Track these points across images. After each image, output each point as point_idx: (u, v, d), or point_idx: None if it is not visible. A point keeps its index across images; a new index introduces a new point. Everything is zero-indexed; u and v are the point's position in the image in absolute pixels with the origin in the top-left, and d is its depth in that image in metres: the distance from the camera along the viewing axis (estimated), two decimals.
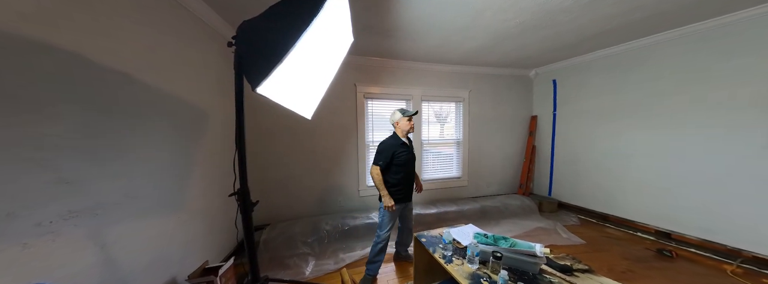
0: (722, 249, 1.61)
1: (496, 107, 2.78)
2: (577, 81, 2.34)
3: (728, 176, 1.57)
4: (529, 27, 1.65)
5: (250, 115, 2.02)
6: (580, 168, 2.36)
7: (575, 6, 1.37)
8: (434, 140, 2.74)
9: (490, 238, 1.22)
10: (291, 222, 2.05)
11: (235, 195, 0.54)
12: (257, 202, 0.58)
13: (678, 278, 1.41)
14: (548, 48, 2.06)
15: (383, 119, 2.55)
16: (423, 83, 2.56)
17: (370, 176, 2.35)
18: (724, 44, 1.54)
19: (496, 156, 2.82)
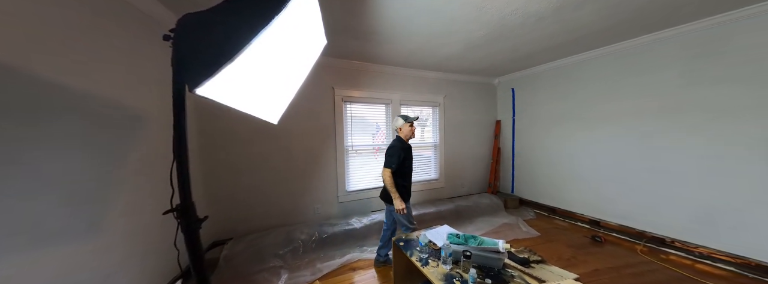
0: (633, 232, 1.94)
1: (467, 111, 2.97)
2: (531, 90, 2.65)
3: (635, 171, 1.93)
4: (492, 38, 1.80)
5: (211, 118, 1.80)
6: (535, 167, 2.65)
7: (527, 22, 1.54)
8: (413, 144, 2.80)
9: (461, 238, 1.26)
10: (261, 234, 1.86)
11: (174, 212, 0.46)
12: (206, 218, 0.50)
13: (606, 260, 1.66)
14: (508, 59, 2.29)
15: (364, 123, 2.53)
16: (402, 87, 2.62)
17: (349, 181, 2.20)
18: (633, 63, 1.91)
19: (468, 158, 2.99)
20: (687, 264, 1.61)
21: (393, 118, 2.53)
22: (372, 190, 2.54)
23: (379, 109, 2.58)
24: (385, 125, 2.62)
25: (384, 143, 2.62)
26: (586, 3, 1.35)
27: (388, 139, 2.61)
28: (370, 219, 2.20)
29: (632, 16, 1.51)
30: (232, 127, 1.89)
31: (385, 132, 2.62)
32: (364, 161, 2.54)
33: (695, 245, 1.66)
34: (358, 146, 2.46)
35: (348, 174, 2.40)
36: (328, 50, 2.00)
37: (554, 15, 1.46)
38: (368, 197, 2.51)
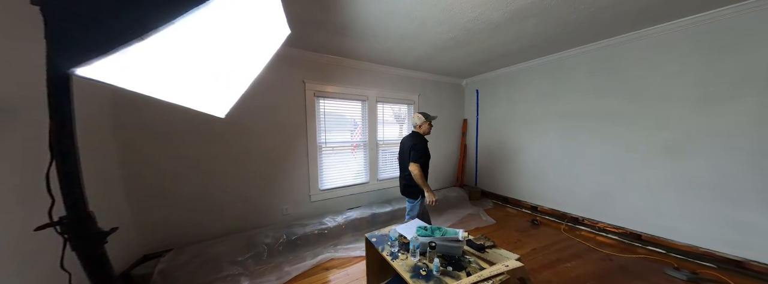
0: (559, 214, 2.33)
1: (439, 110, 3.10)
2: (491, 92, 2.90)
3: (560, 163, 2.31)
4: (459, 42, 1.88)
5: (133, 111, 1.48)
6: (493, 162, 2.94)
7: (486, 29, 1.64)
8: (390, 141, 2.80)
9: (428, 230, 1.30)
10: (215, 241, 1.65)
11: (56, 226, 0.35)
12: (113, 230, 0.40)
13: (540, 240, 1.93)
14: (474, 62, 2.45)
15: (340, 119, 2.43)
16: (378, 84, 2.58)
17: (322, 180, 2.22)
18: (559, 73, 2.26)
19: (440, 154, 3.14)
20: (591, 237, 1.96)
21: (369, 114, 2.50)
22: (348, 187, 2.47)
23: (355, 105, 2.51)
24: (362, 122, 2.56)
25: (361, 140, 2.57)
26: (530, 16, 1.48)
27: (365, 136, 2.57)
28: (345, 217, 2.15)
29: (561, 32, 1.73)
30: (167, 122, 1.57)
31: (361, 129, 2.57)
32: (340, 158, 2.45)
33: (597, 221, 2.04)
34: (333, 143, 2.36)
35: (321, 172, 2.29)
36: (296, 42, 1.84)
37: (507, 24, 1.58)
38: (344, 195, 2.44)
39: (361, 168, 2.58)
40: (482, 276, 1.02)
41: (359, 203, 2.54)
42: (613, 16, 1.50)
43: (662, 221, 1.70)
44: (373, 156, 2.60)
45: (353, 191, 2.51)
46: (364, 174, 2.61)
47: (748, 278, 1.34)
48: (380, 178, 2.71)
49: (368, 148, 2.56)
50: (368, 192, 2.61)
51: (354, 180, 2.54)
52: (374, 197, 2.67)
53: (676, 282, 1.36)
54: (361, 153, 2.57)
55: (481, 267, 1.09)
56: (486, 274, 1.02)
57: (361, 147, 2.58)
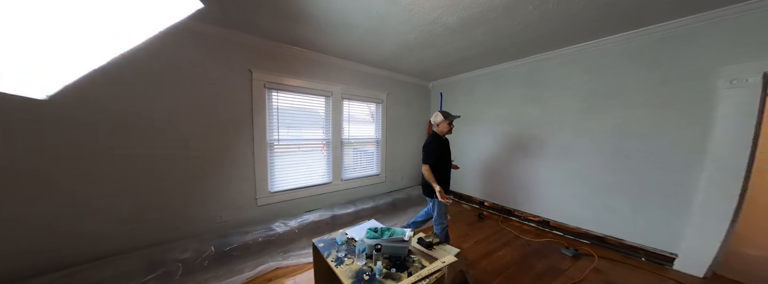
0: (498, 207, 2.57)
1: (407, 110, 3.10)
2: (452, 95, 3.03)
3: (499, 160, 2.56)
4: (421, 44, 1.86)
5: None
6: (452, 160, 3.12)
7: (444, 33, 1.65)
8: (356, 139, 2.68)
9: (378, 232, 1.24)
10: (95, 265, 1.24)
11: None
12: None
13: (483, 231, 2.07)
14: (438, 65, 2.49)
15: (299, 115, 2.20)
16: (344, 81, 2.43)
17: (274, 181, 2.01)
18: (500, 81, 2.46)
19: (407, 153, 3.15)
20: (518, 226, 2.20)
21: (334, 110, 2.35)
22: (307, 188, 2.28)
23: (318, 101, 2.32)
24: (325, 118, 2.38)
25: (325, 138, 2.39)
26: (479, 25, 1.52)
27: (328, 133, 2.39)
28: (300, 221, 1.96)
29: (503, 43, 1.83)
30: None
31: (325, 126, 2.39)
32: (299, 157, 2.24)
33: (522, 212, 2.30)
34: (289, 141, 2.13)
35: (273, 173, 2.04)
36: (239, 24, 1.56)
37: (461, 31, 1.61)
38: (301, 197, 2.24)
39: (324, 168, 2.41)
40: (421, 275, 1.00)
41: (320, 205, 2.38)
42: (537, 35, 1.66)
43: (561, 208, 2.03)
44: (337, 155, 2.45)
45: (313, 193, 2.33)
46: (327, 174, 2.44)
47: (607, 250, 1.75)
48: (345, 178, 2.58)
49: (332, 146, 2.40)
50: (331, 193, 2.45)
51: (314, 181, 2.36)
52: (338, 198, 2.54)
53: (567, 258, 1.64)
54: (321, 152, 2.40)
55: (423, 265, 1.08)
56: (425, 273, 1.01)
57: (325, 146, 2.41)
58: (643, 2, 1.23)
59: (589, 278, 1.41)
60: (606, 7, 1.29)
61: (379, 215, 2.51)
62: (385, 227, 1.30)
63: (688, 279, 1.37)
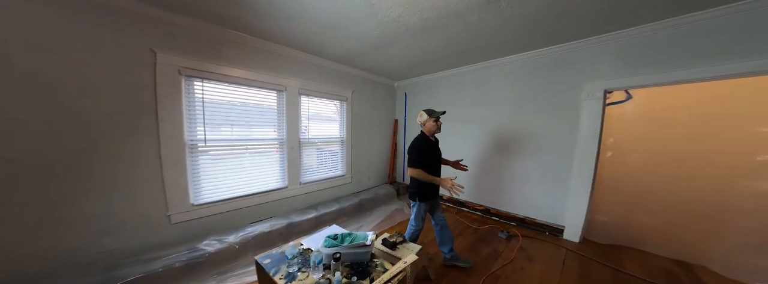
0: (453, 200, 2.70)
1: (374, 109, 2.99)
2: (415, 95, 3.01)
3: (453, 156, 2.66)
4: (385, 43, 1.78)
5: None
6: None
7: (406, 33, 1.61)
8: (318, 138, 2.43)
9: (338, 239, 1.12)
10: None
11: None
12: None
13: None
14: (402, 65, 2.46)
15: (242, 111, 1.83)
16: (303, 75, 2.15)
17: (200, 191, 1.65)
18: (459, 84, 2.56)
19: (373, 152, 3.05)
20: (469, 216, 2.36)
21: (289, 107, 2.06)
22: (253, 196, 1.92)
23: (268, 95, 1.98)
24: (278, 116, 2.06)
25: (278, 138, 2.06)
26: (437, 29, 1.52)
27: (282, 132, 2.08)
28: (243, 234, 1.62)
29: (459, 48, 1.87)
30: None
31: (277, 124, 2.06)
32: (249, 160, 1.88)
33: (473, 203, 2.47)
34: (224, 141, 1.74)
35: (196, 181, 1.59)
36: None
37: (422, 33, 1.57)
38: (246, 206, 1.87)
39: (277, 171, 2.09)
40: (383, 279, 0.94)
41: (273, 213, 2.05)
42: (482, 44, 1.77)
43: (495, 197, 2.28)
44: (295, 157, 2.15)
45: (264, 200, 1.98)
46: (281, 178, 2.12)
47: (526, 229, 2.04)
48: (305, 181, 2.30)
49: (287, 147, 2.09)
50: (287, 199, 2.14)
51: (265, 186, 2.01)
52: (296, 204, 2.25)
53: (502, 240, 1.83)
54: (276, 154, 2.06)
55: (386, 269, 1.02)
56: (387, 277, 0.95)
57: (279, 146, 2.08)
58: (535, 27, 1.49)
59: (517, 256, 1.61)
60: (524, 26, 1.48)
61: (345, 218, 2.35)
62: (347, 232, 1.18)
63: (571, 245, 1.74)
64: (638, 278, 1.36)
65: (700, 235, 1.48)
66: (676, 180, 1.55)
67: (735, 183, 1.38)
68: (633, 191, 1.71)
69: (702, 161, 1.47)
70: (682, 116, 1.56)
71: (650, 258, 1.59)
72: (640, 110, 1.70)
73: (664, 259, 1.57)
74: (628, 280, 1.35)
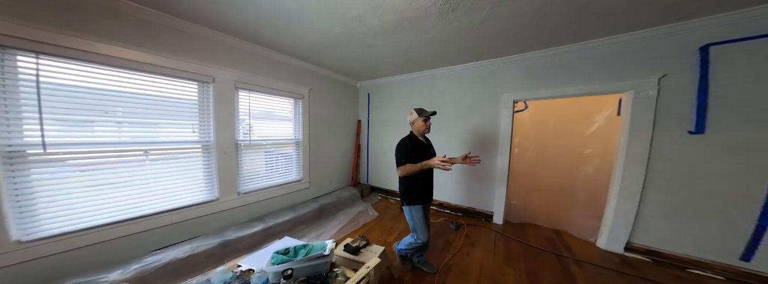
0: None
1: (336, 109, 2.79)
2: (378, 97, 2.90)
3: None
4: (347, 40, 1.65)
5: None
6: (379, 159, 2.96)
7: (368, 33, 1.52)
8: (267, 140, 2.05)
9: (290, 253, 0.94)
10: None
11: None
12: None
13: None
14: (365, 66, 2.36)
15: (133, 103, 1.31)
16: (242, 66, 1.76)
17: (57, 217, 1.16)
18: (413, 88, 2.56)
19: (336, 154, 2.85)
20: None
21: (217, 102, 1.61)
22: (165, 215, 1.44)
23: (184, 87, 1.51)
24: (199, 113, 1.60)
25: (200, 140, 1.61)
26: (396, 32, 1.49)
27: (208, 133, 1.63)
28: (140, 266, 1.16)
29: (418, 55, 1.92)
30: None
31: (200, 122, 1.60)
32: (150, 169, 1.38)
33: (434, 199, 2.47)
34: (84, 146, 1.20)
35: (30, 206, 1.04)
36: None
37: (384, 34, 1.52)
38: (151, 229, 1.38)
39: (199, 181, 1.61)
40: None
41: (197, 233, 1.57)
42: (431, 51, 1.85)
43: (447, 192, 2.42)
44: (228, 163, 1.72)
45: (178, 219, 1.50)
46: (209, 189, 1.66)
47: (470, 218, 2.25)
48: (246, 190, 1.89)
49: (216, 151, 1.64)
50: (219, 213, 1.71)
51: (181, 201, 1.52)
52: (234, 218, 1.81)
53: (452, 231, 1.96)
54: (198, 160, 1.59)
55: (347, 277, 0.92)
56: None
57: (202, 150, 1.61)
58: (475, 42, 1.67)
59: (464, 244, 1.73)
60: (467, 40, 1.61)
61: (302, 226, 2.06)
62: (301, 244, 1.02)
63: (498, 227, 2.02)
64: (536, 248, 1.68)
65: (563, 208, 1.97)
66: (548, 169, 2.05)
67: (575, 169, 1.92)
68: (529, 179, 2.13)
69: (560, 154, 2.00)
70: (551, 121, 2.06)
71: (541, 230, 1.99)
72: (532, 116, 2.13)
73: (548, 229, 1.99)
74: (531, 250, 1.65)
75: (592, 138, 1.87)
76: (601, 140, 1.79)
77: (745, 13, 1.16)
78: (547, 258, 1.56)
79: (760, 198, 1.18)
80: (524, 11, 1.20)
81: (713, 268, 1.33)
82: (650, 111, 1.42)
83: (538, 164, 2.12)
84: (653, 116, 1.42)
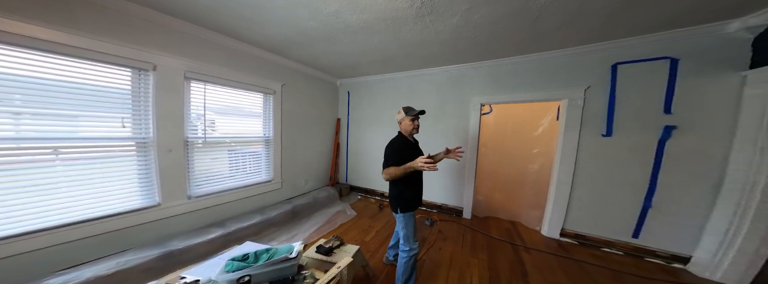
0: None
1: (313, 106, 2.63)
2: (358, 95, 2.81)
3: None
4: (325, 36, 1.56)
5: None
6: (359, 158, 2.87)
7: (347, 30, 1.46)
8: (230, 137, 1.83)
9: (250, 258, 0.83)
10: None
11: None
12: None
13: (381, 221, 2.12)
14: (344, 63, 2.26)
15: (34, 89, 1.02)
16: (196, 54, 1.53)
17: None
18: (395, 88, 2.57)
19: (312, 153, 2.68)
20: None
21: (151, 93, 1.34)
22: (76, 227, 1.16)
23: (117, 75, 1.24)
24: (132, 104, 1.33)
25: (141, 138, 1.35)
26: (376, 32, 1.46)
27: (147, 129, 1.37)
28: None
29: (395, 54, 1.87)
30: None
31: (133, 115, 1.34)
32: (67, 172, 1.10)
33: None
34: None
35: None
36: None
37: (362, 32, 1.48)
38: (48, 246, 1.10)
39: (133, 185, 1.34)
40: None
41: (131, 245, 1.30)
42: (411, 52, 1.83)
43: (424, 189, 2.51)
44: (175, 162, 1.48)
45: (104, 229, 1.23)
46: (146, 194, 1.39)
47: (443, 214, 2.31)
48: (199, 194, 1.64)
49: (156, 149, 1.39)
50: (161, 221, 1.45)
51: (102, 210, 1.25)
52: (182, 225, 1.55)
53: (428, 227, 1.99)
54: (130, 160, 1.32)
55: (316, 278, 0.86)
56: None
57: (136, 149, 1.34)
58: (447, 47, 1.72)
59: (437, 239, 1.75)
60: (442, 44, 1.63)
61: (273, 229, 1.87)
62: (264, 248, 0.91)
63: (467, 222, 2.10)
64: (496, 239, 1.78)
65: (517, 202, 2.14)
66: (507, 167, 2.22)
67: (526, 167, 2.11)
68: (492, 176, 2.27)
69: (516, 153, 2.17)
70: (509, 124, 2.22)
71: (501, 222, 2.12)
72: (495, 119, 2.27)
73: (507, 221, 2.14)
74: (492, 241, 1.74)
75: (538, 139, 2.07)
76: (545, 141, 1.99)
77: (644, 38, 1.40)
78: (505, 247, 1.67)
79: (644, 186, 1.47)
80: (487, 20, 1.27)
81: (616, 246, 1.58)
82: (578, 117, 1.65)
83: (499, 162, 2.27)
84: (580, 122, 1.65)
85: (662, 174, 1.44)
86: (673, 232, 1.43)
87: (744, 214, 1.17)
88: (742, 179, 1.19)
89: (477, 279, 1.30)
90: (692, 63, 1.34)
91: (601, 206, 1.63)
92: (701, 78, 1.33)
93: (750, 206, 1.15)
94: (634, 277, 1.31)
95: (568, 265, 1.44)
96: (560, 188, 1.74)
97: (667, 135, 1.41)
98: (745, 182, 1.17)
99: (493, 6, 1.13)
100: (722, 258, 1.24)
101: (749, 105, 1.19)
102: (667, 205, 1.43)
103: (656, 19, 1.23)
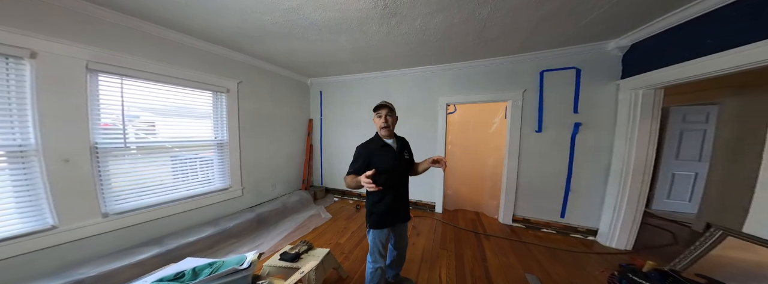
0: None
1: (280, 106, 2.38)
2: (331, 95, 2.67)
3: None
4: (286, 32, 1.43)
5: None
6: (334, 159, 2.74)
7: (310, 27, 1.35)
8: (171, 142, 1.53)
9: (187, 275, 0.67)
10: None
11: None
12: None
13: (357, 222, 2.04)
14: (313, 62, 2.08)
15: None
16: (105, 42, 1.20)
17: None
18: (367, 89, 2.47)
19: (280, 156, 2.43)
20: None
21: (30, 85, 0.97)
22: None
23: None
24: (18, 105, 1.00)
25: (14, 145, 1.02)
26: (343, 31, 1.38)
27: (26, 134, 1.04)
28: None
29: (361, 55, 1.83)
30: None
31: (17, 116, 1.00)
32: None
33: None
34: None
35: None
36: None
37: (328, 31, 1.39)
38: None
39: (10, 205, 1.01)
40: None
41: (21, 279, 0.95)
42: (382, 54, 1.79)
43: None
44: (80, 175, 1.16)
45: None
46: (33, 214, 1.06)
47: (418, 210, 2.29)
48: (124, 209, 1.32)
49: (44, 159, 1.06)
50: (63, 245, 1.12)
51: None
52: (98, 248, 1.20)
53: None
54: (16, 171, 0.98)
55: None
56: None
57: (9, 158, 1.01)
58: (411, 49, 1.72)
59: (411, 234, 1.73)
60: (407, 46, 1.64)
61: (231, 240, 1.62)
62: (207, 262, 0.76)
63: (438, 216, 2.13)
64: (463, 229, 1.83)
65: (479, 194, 2.24)
66: (470, 162, 2.30)
67: (485, 161, 2.21)
68: (458, 171, 2.31)
69: (476, 149, 2.27)
70: (471, 122, 2.30)
71: (467, 213, 2.18)
72: (459, 117, 2.33)
73: (472, 212, 2.20)
74: (459, 232, 1.78)
75: (493, 135, 2.19)
76: (498, 137, 2.12)
77: (559, 50, 1.63)
78: (469, 236, 1.72)
79: (565, 173, 1.73)
80: (445, 25, 1.29)
81: (551, 226, 1.80)
82: (519, 116, 1.83)
83: (463, 157, 2.33)
84: (520, 120, 1.83)
85: (575, 163, 1.70)
86: (585, 210, 1.70)
87: (623, 191, 1.46)
88: (620, 163, 1.48)
89: (445, 270, 1.32)
90: (590, 72, 1.61)
91: (539, 193, 1.84)
92: (594, 84, 1.61)
93: (626, 184, 1.44)
94: (563, 251, 1.50)
95: (517, 247, 1.56)
96: (509, 179, 1.90)
97: (576, 130, 1.66)
98: (622, 166, 1.46)
99: (447, 13, 1.17)
100: (614, 228, 1.50)
101: (621, 106, 1.49)
102: (580, 188, 1.70)
103: (561, 37, 1.45)
